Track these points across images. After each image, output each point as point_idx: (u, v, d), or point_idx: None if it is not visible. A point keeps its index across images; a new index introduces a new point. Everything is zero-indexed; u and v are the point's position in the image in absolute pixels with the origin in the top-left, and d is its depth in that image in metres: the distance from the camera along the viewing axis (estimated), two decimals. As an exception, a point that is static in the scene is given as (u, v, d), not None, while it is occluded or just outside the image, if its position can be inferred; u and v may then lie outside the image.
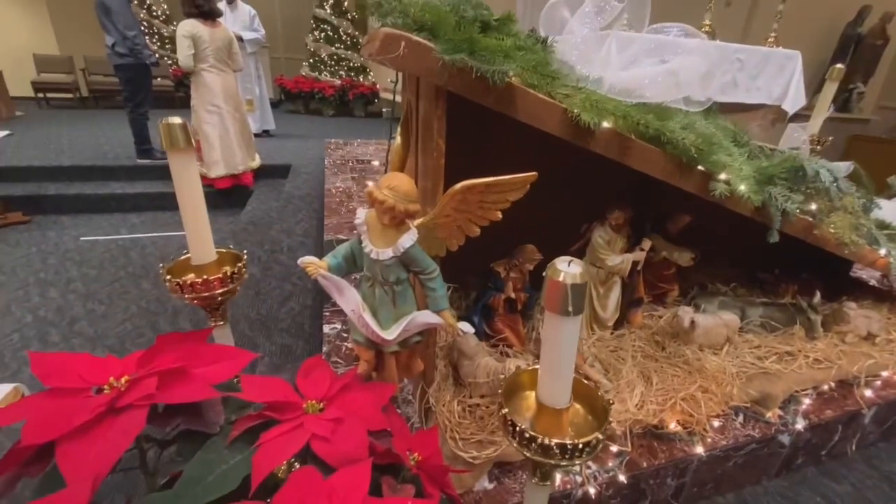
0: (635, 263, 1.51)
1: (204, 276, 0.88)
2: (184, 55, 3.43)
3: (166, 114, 0.83)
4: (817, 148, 2.20)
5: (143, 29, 7.18)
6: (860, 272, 2.25)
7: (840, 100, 6.27)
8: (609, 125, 1.04)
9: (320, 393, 0.71)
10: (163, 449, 0.63)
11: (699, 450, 1.27)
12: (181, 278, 0.88)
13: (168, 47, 7.74)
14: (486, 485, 1.12)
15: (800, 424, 1.39)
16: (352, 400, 0.72)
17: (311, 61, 8.08)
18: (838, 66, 2.18)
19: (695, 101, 1.30)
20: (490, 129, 1.34)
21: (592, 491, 1.14)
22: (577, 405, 0.77)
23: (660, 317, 1.70)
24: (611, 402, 0.76)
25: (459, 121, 0.96)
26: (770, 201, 1.30)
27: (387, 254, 0.88)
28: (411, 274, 0.94)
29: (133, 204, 3.90)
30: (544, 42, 1.18)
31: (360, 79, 8.26)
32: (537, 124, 1.01)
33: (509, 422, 0.71)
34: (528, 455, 0.70)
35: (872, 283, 2.17)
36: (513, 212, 0.89)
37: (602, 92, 1.14)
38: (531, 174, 0.84)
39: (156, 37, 7.79)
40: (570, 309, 0.63)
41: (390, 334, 0.91)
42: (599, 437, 0.69)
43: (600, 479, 1.16)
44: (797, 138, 2.00)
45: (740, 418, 1.39)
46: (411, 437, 0.74)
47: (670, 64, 1.26)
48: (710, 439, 1.30)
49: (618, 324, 1.62)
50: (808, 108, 2.57)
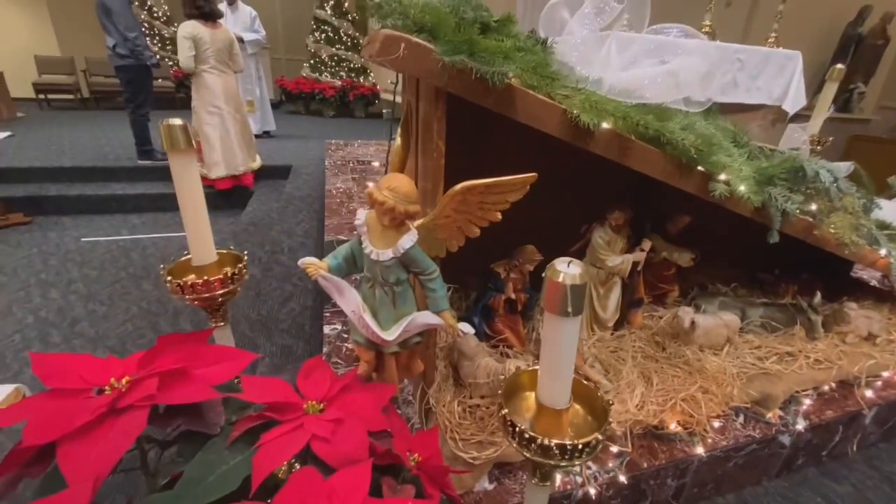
0: (635, 264, 1.51)
1: (204, 277, 0.88)
2: (185, 56, 3.44)
3: (167, 115, 0.83)
4: (817, 148, 2.20)
5: (144, 30, 7.21)
6: (861, 272, 2.25)
7: (841, 100, 6.27)
8: (609, 126, 1.04)
9: (321, 394, 0.71)
10: (163, 449, 0.63)
11: (699, 450, 1.27)
12: (182, 279, 0.88)
13: (169, 48, 7.75)
14: (486, 485, 1.12)
15: (800, 425, 1.39)
16: (352, 401, 0.72)
17: (312, 62, 8.09)
18: (838, 66, 2.18)
19: (695, 101, 1.30)
20: (490, 131, 1.34)
21: (593, 491, 1.14)
22: (577, 406, 0.77)
23: (660, 317, 1.70)
24: (610, 403, 0.76)
25: (459, 122, 0.96)
26: (770, 202, 1.30)
27: (387, 255, 0.88)
28: (411, 275, 0.94)
29: (134, 205, 3.91)
30: (544, 43, 1.18)
31: (361, 80, 8.28)
32: (537, 125, 1.01)
33: (509, 422, 0.71)
34: (527, 455, 0.70)
35: (873, 283, 2.17)
36: (513, 212, 0.89)
37: (602, 93, 1.14)
38: (531, 175, 0.85)
39: (157, 38, 7.81)
40: (569, 310, 0.63)
41: (390, 335, 0.92)
42: (599, 437, 0.69)
43: (601, 479, 1.16)
44: (797, 139, 2.00)
45: (741, 419, 1.39)
46: (411, 438, 0.74)
47: (670, 64, 1.27)
48: (710, 440, 1.30)
49: (618, 324, 1.62)
50: (808, 109, 2.57)
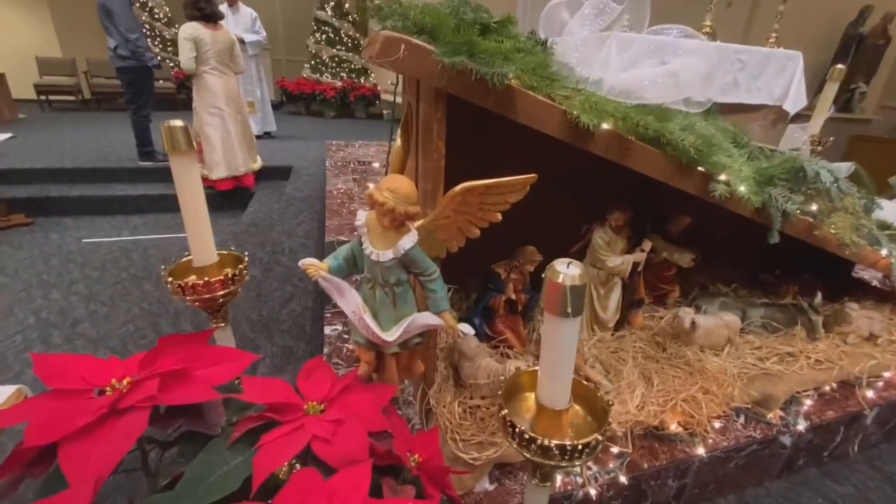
0: (636, 264, 1.51)
1: (205, 278, 0.88)
2: (186, 58, 3.45)
3: (168, 116, 0.83)
4: (818, 148, 2.20)
5: (145, 31, 7.24)
6: (862, 273, 2.24)
7: (842, 100, 6.27)
8: (609, 127, 1.04)
9: (321, 394, 0.71)
10: (164, 450, 0.64)
11: (700, 451, 1.26)
12: (183, 280, 0.88)
13: (170, 50, 7.77)
14: (486, 486, 1.12)
15: (801, 425, 1.39)
16: (352, 401, 0.72)
17: (313, 63, 8.10)
18: (839, 66, 2.18)
19: (695, 102, 1.30)
20: (490, 132, 1.34)
21: (593, 492, 1.14)
22: (577, 406, 0.77)
23: (661, 318, 1.70)
24: (610, 403, 0.76)
25: (459, 123, 0.96)
26: (770, 202, 1.30)
27: (387, 255, 0.88)
28: (412, 275, 0.94)
29: (135, 206, 3.91)
30: (544, 44, 1.19)
31: (362, 80, 8.28)
32: (537, 126, 1.01)
33: (509, 423, 0.71)
34: (527, 456, 0.70)
35: (874, 283, 2.17)
36: (513, 213, 0.89)
37: (602, 93, 1.14)
38: (531, 176, 0.85)
39: (157, 39, 7.82)
40: (568, 310, 0.63)
41: (391, 336, 0.92)
42: (599, 438, 0.69)
43: (601, 480, 1.16)
44: (798, 139, 2.00)
45: (741, 419, 1.39)
46: (412, 439, 0.75)
47: (670, 65, 1.27)
48: (711, 440, 1.30)
49: (618, 325, 1.62)
50: (809, 109, 2.57)
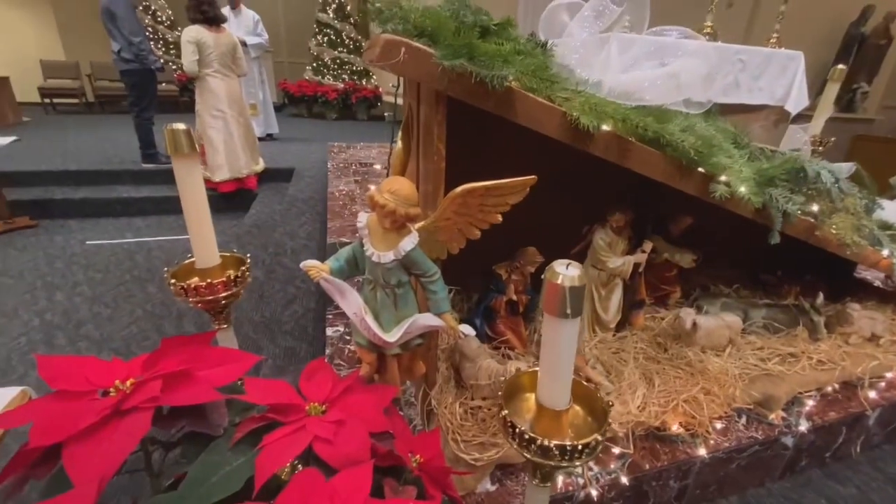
0: (637, 265, 1.51)
1: (208, 280, 0.89)
2: (188, 60, 3.47)
3: (171, 118, 0.84)
4: (819, 149, 2.19)
5: (149, 34, 7.28)
6: (864, 273, 2.24)
7: (844, 100, 6.25)
8: (608, 128, 1.04)
9: (323, 395, 0.71)
10: (168, 451, 0.64)
11: (702, 452, 1.26)
12: (185, 282, 0.89)
13: (173, 53, 7.82)
14: (488, 487, 1.12)
15: (803, 426, 1.39)
16: (354, 402, 0.72)
17: (315, 65, 8.13)
18: (839, 66, 2.17)
19: (695, 102, 1.30)
20: (490, 133, 1.35)
21: (594, 493, 1.14)
22: (577, 407, 0.77)
23: (662, 318, 1.70)
24: (610, 404, 0.76)
25: (460, 125, 0.97)
26: (771, 203, 1.30)
27: (388, 257, 0.89)
28: (413, 277, 0.94)
29: (138, 208, 3.93)
30: (544, 46, 1.19)
31: (363, 82, 8.31)
32: (537, 128, 1.02)
33: (509, 423, 0.71)
34: (528, 456, 0.70)
35: (877, 284, 2.16)
36: (514, 214, 0.89)
37: (601, 95, 1.14)
38: (531, 177, 0.85)
39: (161, 42, 7.87)
40: (568, 311, 0.63)
41: (392, 337, 0.92)
42: (599, 438, 0.69)
43: (602, 480, 1.16)
44: (799, 139, 1.99)
45: (743, 420, 1.39)
46: (413, 439, 0.75)
47: (671, 66, 1.27)
48: (712, 441, 1.30)
49: (620, 326, 1.62)
50: (811, 109, 2.56)
